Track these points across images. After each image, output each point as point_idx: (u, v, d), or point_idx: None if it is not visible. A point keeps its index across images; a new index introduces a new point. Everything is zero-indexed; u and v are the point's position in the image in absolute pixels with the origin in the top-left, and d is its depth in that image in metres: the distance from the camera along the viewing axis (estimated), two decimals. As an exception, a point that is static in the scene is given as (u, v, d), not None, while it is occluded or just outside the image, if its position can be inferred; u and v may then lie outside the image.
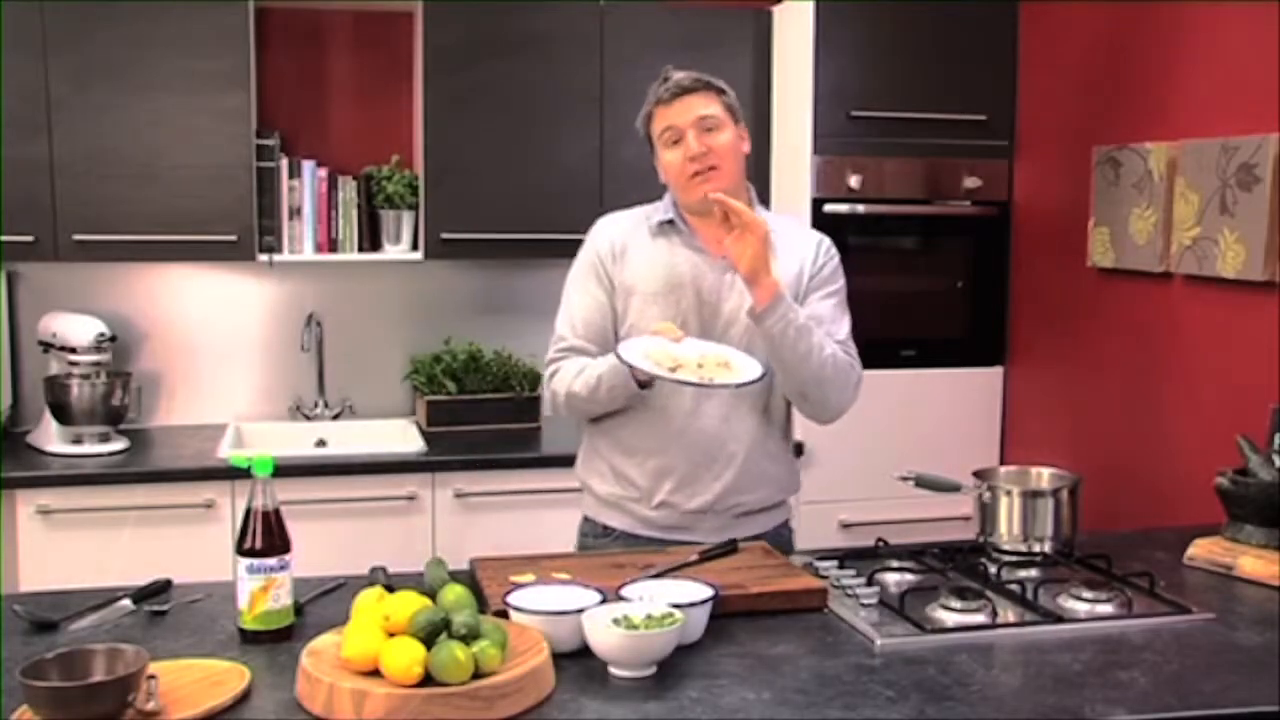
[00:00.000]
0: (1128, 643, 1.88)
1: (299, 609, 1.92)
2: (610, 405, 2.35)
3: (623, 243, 2.40)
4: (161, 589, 2.09)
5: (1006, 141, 3.73)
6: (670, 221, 2.39)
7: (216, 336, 3.82)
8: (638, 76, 3.60)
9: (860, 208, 3.64)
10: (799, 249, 2.41)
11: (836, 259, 2.45)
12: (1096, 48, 3.39)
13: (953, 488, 2.34)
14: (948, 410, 3.73)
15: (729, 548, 2.22)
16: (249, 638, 1.85)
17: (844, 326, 2.40)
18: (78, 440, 3.40)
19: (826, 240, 2.46)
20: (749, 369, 2.16)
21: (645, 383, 2.25)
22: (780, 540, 2.42)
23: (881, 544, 2.36)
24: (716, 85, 2.35)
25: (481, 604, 1.87)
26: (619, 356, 2.17)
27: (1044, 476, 2.39)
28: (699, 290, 2.34)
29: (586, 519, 2.50)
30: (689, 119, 2.31)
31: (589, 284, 2.40)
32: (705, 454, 2.34)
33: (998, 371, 3.82)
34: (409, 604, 1.66)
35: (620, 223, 2.45)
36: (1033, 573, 2.18)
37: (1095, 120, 3.38)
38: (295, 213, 3.65)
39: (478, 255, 3.75)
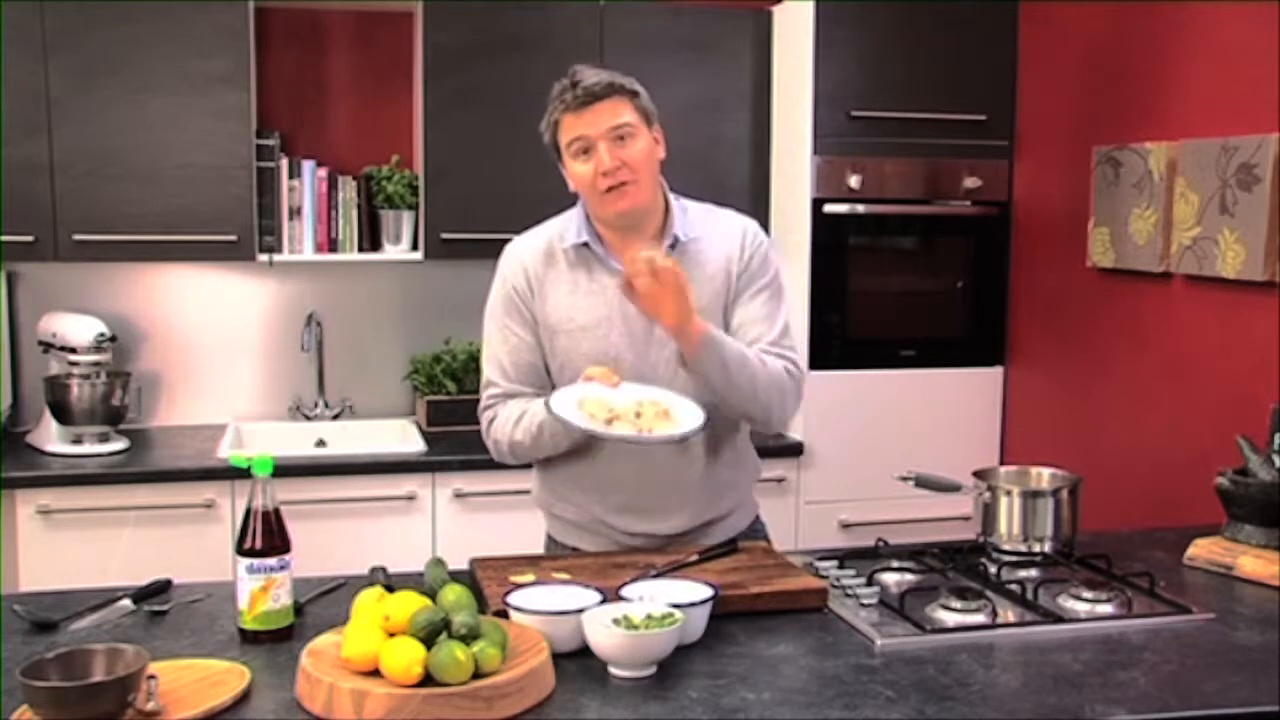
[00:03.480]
0: (1128, 643, 1.88)
1: (299, 609, 1.92)
2: (555, 450, 2.22)
3: (538, 277, 2.23)
4: (161, 589, 2.09)
5: (1006, 141, 3.73)
6: (585, 244, 2.22)
7: (216, 336, 3.82)
8: (638, 77, 3.63)
9: (860, 208, 3.64)
10: (723, 245, 2.24)
11: (765, 246, 2.28)
12: (1096, 48, 3.39)
13: (953, 488, 2.34)
14: (948, 410, 3.73)
15: (729, 548, 2.22)
16: (249, 638, 1.85)
17: (777, 324, 2.24)
18: (78, 440, 3.40)
19: (752, 227, 2.29)
20: (689, 417, 2.06)
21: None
22: (757, 537, 2.39)
23: (881, 544, 2.36)
24: (629, 88, 2.17)
25: (481, 604, 1.87)
26: (550, 411, 2.04)
27: (1044, 476, 2.39)
28: (626, 319, 2.18)
29: (554, 540, 2.39)
30: (600, 129, 2.12)
31: (512, 324, 2.25)
32: (665, 483, 2.24)
33: (998, 371, 3.82)
34: (409, 604, 1.66)
35: (531, 252, 2.26)
36: (1033, 573, 2.18)
37: (1095, 120, 3.38)
38: (295, 213, 3.65)
39: (478, 255, 3.72)
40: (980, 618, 1.95)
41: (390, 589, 1.81)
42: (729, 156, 3.76)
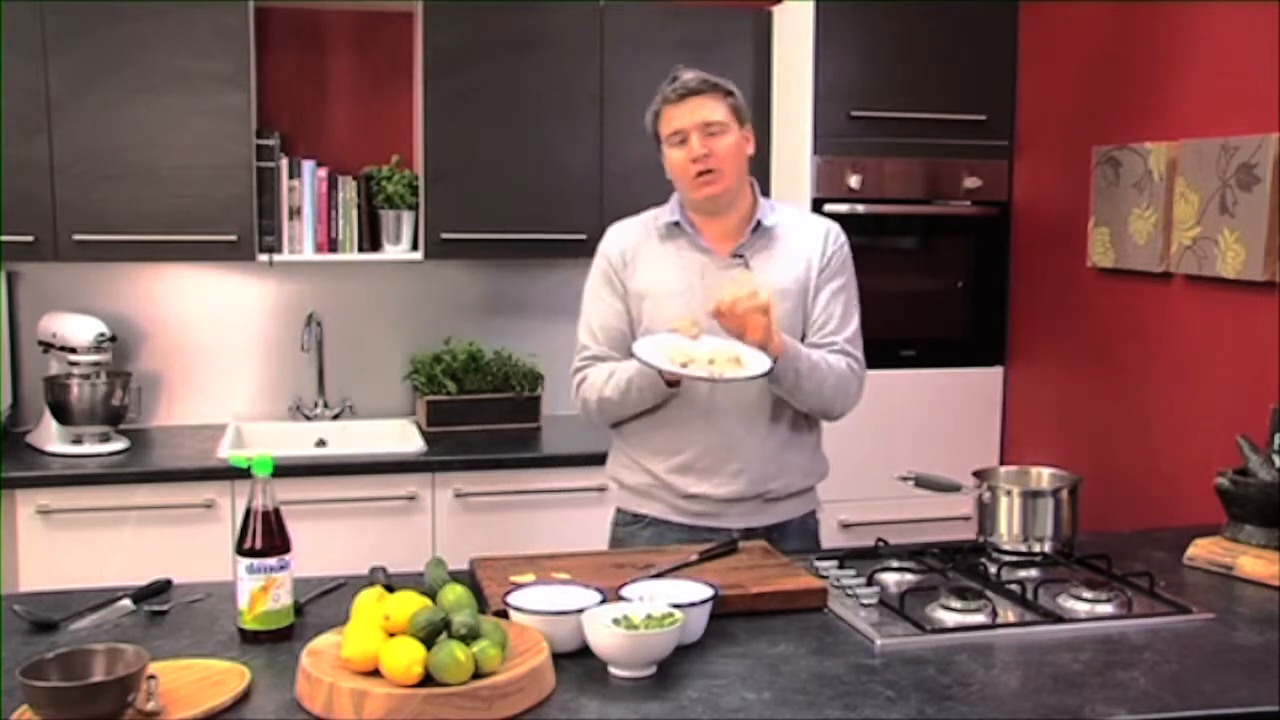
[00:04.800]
0: (1128, 643, 1.88)
1: (299, 609, 1.92)
2: (641, 405, 2.40)
3: (632, 250, 2.45)
4: (161, 589, 2.09)
5: (1006, 141, 3.73)
6: (676, 224, 2.44)
7: (216, 336, 3.82)
8: (638, 76, 3.63)
9: (860, 208, 3.64)
10: (807, 242, 2.45)
11: (846, 248, 2.49)
12: (1096, 48, 3.39)
13: (953, 488, 2.34)
14: (948, 410, 3.73)
15: (729, 548, 2.23)
16: (249, 638, 1.85)
17: (851, 325, 2.45)
18: (78, 440, 3.40)
19: (835, 228, 2.50)
20: (757, 363, 2.20)
21: (674, 381, 2.29)
22: (807, 529, 2.53)
23: (881, 544, 2.36)
24: (724, 87, 2.39)
25: (481, 604, 1.87)
26: (633, 353, 2.23)
27: (1044, 476, 2.40)
28: (707, 290, 2.34)
29: (619, 510, 2.55)
30: (694, 121, 2.35)
31: (604, 293, 2.47)
32: (724, 447, 2.39)
33: (998, 371, 3.82)
34: (409, 604, 1.66)
35: (628, 230, 2.50)
36: (1033, 573, 2.18)
37: (1095, 120, 3.38)
38: (295, 213, 3.65)
39: (478, 255, 3.75)
40: (980, 618, 1.95)
41: (390, 589, 1.81)
42: (729, 156, 3.76)
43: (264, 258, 3.57)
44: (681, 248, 2.44)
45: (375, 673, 1.59)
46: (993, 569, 2.19)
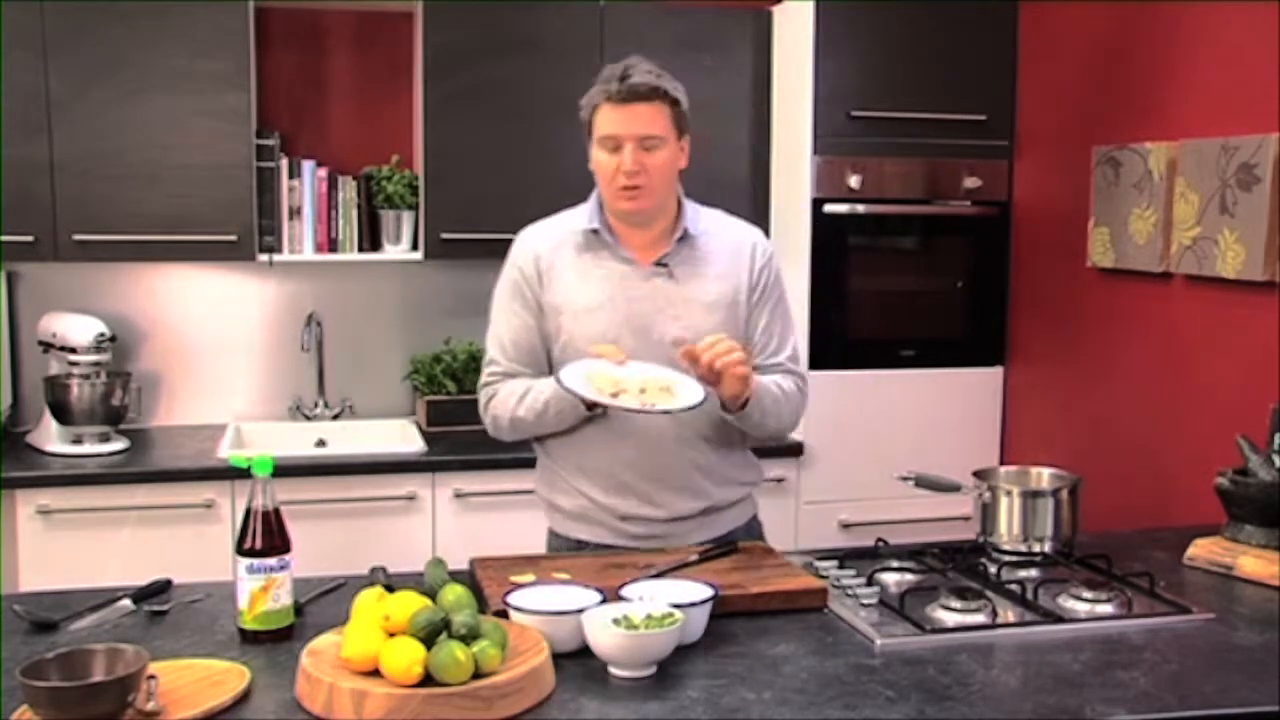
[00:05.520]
0: (1128, 643, 1.88)
1: (299, 609, 1.92)
2: (559, 427, 2.29)
3: (547, 260, 2.31)
4: (161, 589, 2.09)
5: (1006, 141, 3.73)
6: (595, 231, 2.31)
7: (216, 336, 3.82)
8: (638, 76, 3.63)
9: (860, 208, 3.64)
10: (734, 255, 2.33)
11: (773, 260, 2.38)
12: (1096, 48, 3.39)
13: (953, 488, 2.34)
14: (948, 410, 3.73)
15: (729, 548, 2.22)
16: (249, 638, 1.85)
17: (790, 342, 2.38)
18: (78, 440, 3.40)
19: (761, 240, 2.39)
20: (690, 393, 2.11)
21: (593, 404, 2.17)
22: (753, 534, 2.42)
23: (881, 544, 2.36)
24: (672, 95, 2.25)
25: (481, 604, 1.87)
26: (560, 383, 2.11)
27: (1044, 476, 2.40)
28: (629, 303, 2.27)
29: (555, 534, 2.42)
30: (631, 132, 2.21)
31: (514, 305, 2.33)
32: (663, 468, 2.28)
33: (998, 371, 3.82)
34: (409, 604, 1.66)
35: (542, 237, 2.35)
36: (1033, 573, 2.18)
37: (1095, 120, 3.38)
38: (295, 213, 3.65)
39: (478, 255, 3.73)
40: (980, 618, 1.95)
41: (390, 589, 1.81)
42: (729, 156, 3.75)
43: (264, 258, 3.57)
44: (601, 257, 2.30)
45: (375, 673, 1.59)
46: (993, 569, 2.19)
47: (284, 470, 2.05)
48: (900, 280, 3.77)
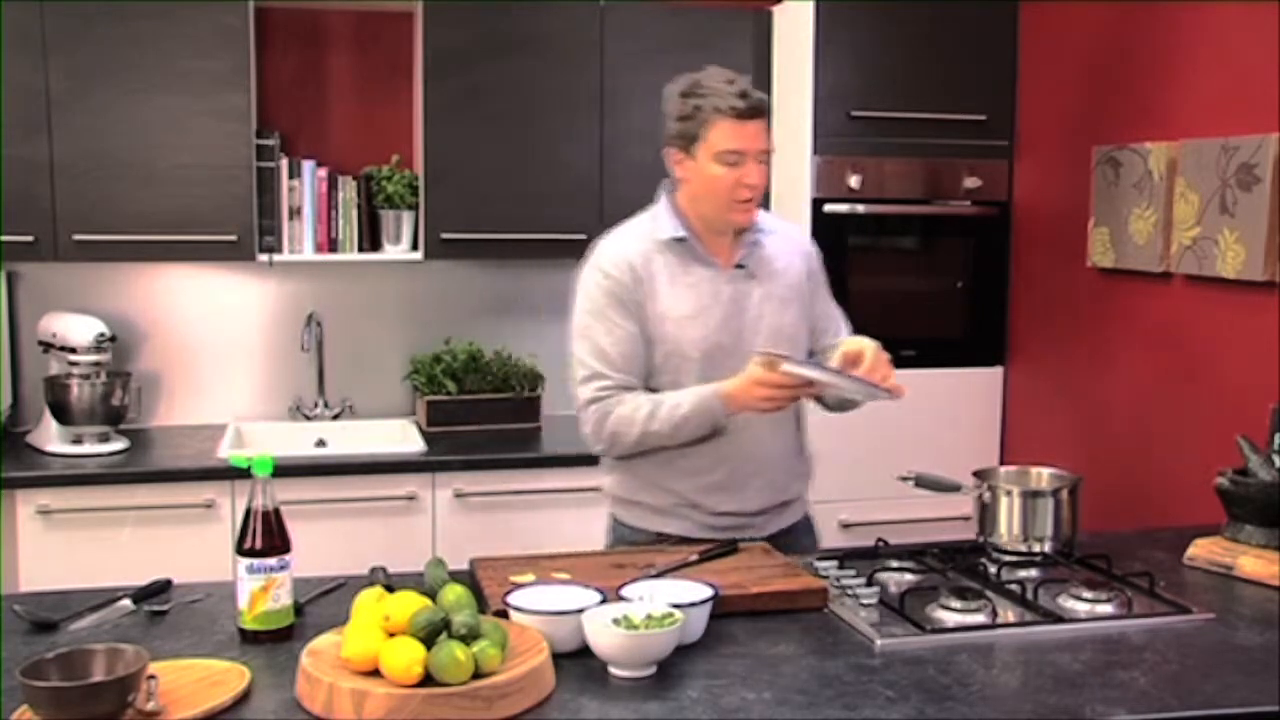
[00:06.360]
0: (1128, 643, 1.88)
1: (299, 609, 1.92)
2: (690, 439, 2.32)
3: (645, 269, 2.34)
4: (161, 589, 2.09)
5: (1006, 141, 3.73)
6: (682, 239, 2.36)
7: (216, 336, 3.82)
8: (638, 76, 3.64)
9: (860, 208, 3.64)
10: (793, 250, 2.50)
11: (817, 249, 2.60)
12: (1096, 48, 3.39)
13: (953, 488, 2.34)
14: (948, 410, 3.73)
15: (729, 548, 2.23)
16: (249, 638, 1.85)
17: (844, 317, 2.58)
18: (78, 440, 3.40)
19: (807, 234, 2.63)
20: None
21: (726, 414, 2.27)
22: (809, 525, 2.60)
23: (881, 544, 2.36)
24: (770, 111, 2.39)
25: (481, 604, 1.87)
26: (785, 368, 2.15)
27: (1044, 476, 2.39)
28: (721, 306, 2.36)
29: (629, 527, 2.46)
30: (756, 148, 2.28)
31: (615, 316, 2.32)
32: (752, 461, 2.39)
33: (998, 371, 3.82)
34: (409, 604, 1.66)
35: (631, 246, 2.37)
36: (1033, 573, 2.18)
37: (1095, 120, 3.38)
38: (295, 213, 3.65)
39: (478, 255, 3.75)
40: (980, 618, 1.95)
41: (390, 589, 1.81)
42: (729, 156, 3.75)
43: (264, 258, 3.57)
44: (687, 263, 2.36)
45: (375, 673, 1.59)
46: (993, 569, 2.19)
47: (284, 470, 2.05)
48: (900, 280, 3.77)
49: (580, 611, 1.75)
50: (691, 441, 2.32)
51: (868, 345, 2.22)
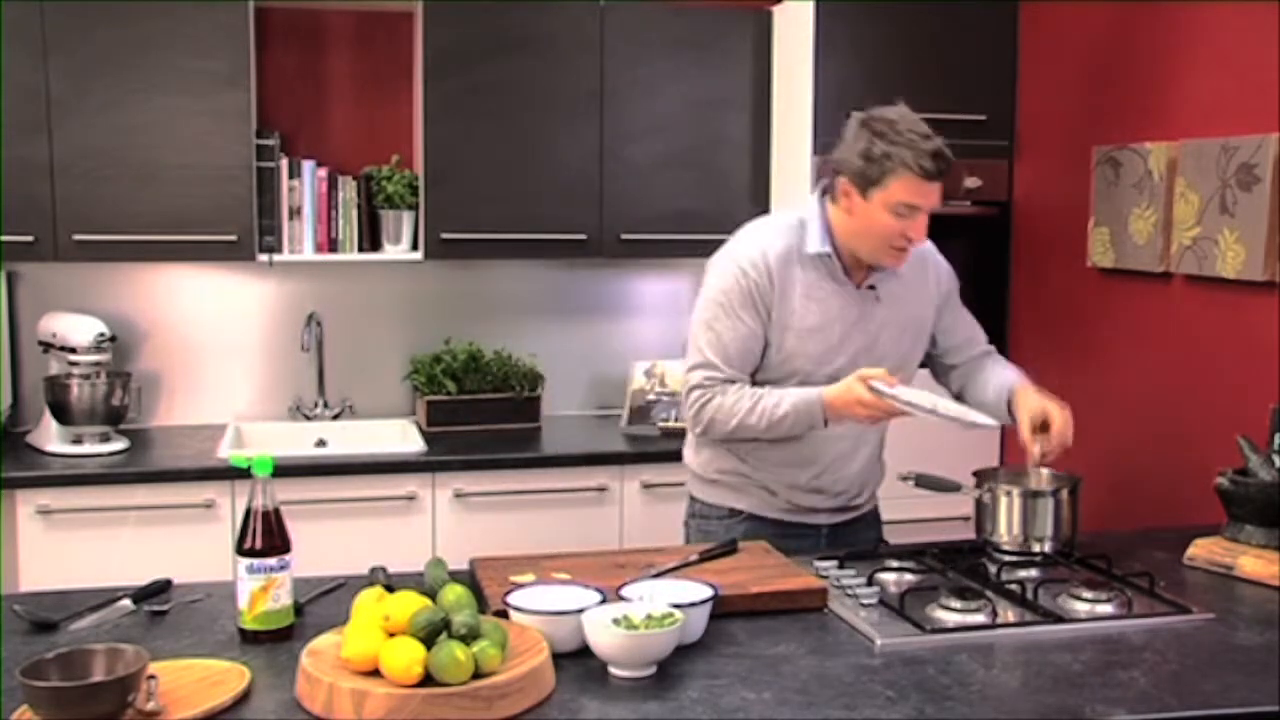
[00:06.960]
0: (1128, 643, 1.88)
1: (299, 609, 1.93)
2: (787, 436, 2.36)
3: (781, 275, 2.35)
4: (161, 589, 2.09)
5: (1006, 141, 3.73)
6: (827, 255, 2.37)
7: (216, 336, 3.82)
8: (638, 76, 3.64)
9: (860, 208, 3.63)
10: (919, 274, 2.51)
11: (944, 262, 2.62)
12: (1096, 48, 3.39)
13: (953, 488, 2.35)
14: (948, 410, 3.72)
15: (729, 548, 2.23)
16: (249, 638, 1.85)
17: (978, 327, 2.62)
18: (78, 440, 3.40)
19: (934, 250, 2.59)
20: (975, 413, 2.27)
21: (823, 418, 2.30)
22: (876, 516, 2.65)
23: (881, 544, 2.36)
24: None
25: (481, 604, 1.87)
26: (880, 392, 2.16)
27: (1044, 476, 2.40)
28: (845, 325, 2.38)
29: (709, 504, 2.52)
30: (931, 205, 2.32)
31: (744, 314, 2.34)
32: (834, 471, 2.45)
33: (998, 371, 3.81)
34: (409, 604, 1.66)
35: (775, 247, 2.37)
36: (1033, 573, 2.18)
37: (1095, 120, 3.38)
38: (295, 213, 3.65)
39: (478, 255, 3.75)
40: (980, 618, 1.95)
41: (390, 589, 1.81)
42: (729, 156, 3.75)
43: (264, 258, 3.57)
44: (823, 277, 2.38)
45: (375, 673, 1.59)
46: (993, 569, 2.19)
47: (284, 470, 2.05)
48: (900, 280, 3.76)
49: (580, 611, 1.75)
50: (784, 438, 2.37)
51: (1053, 412, 2.29)
